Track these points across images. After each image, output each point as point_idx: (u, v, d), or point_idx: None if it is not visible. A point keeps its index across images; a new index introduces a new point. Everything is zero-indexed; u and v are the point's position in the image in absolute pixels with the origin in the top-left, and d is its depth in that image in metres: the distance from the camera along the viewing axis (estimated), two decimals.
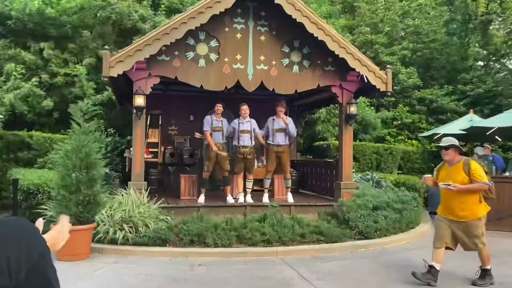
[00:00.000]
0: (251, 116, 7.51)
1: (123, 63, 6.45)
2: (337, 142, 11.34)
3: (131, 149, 7.56)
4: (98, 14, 9.84)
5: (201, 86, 6.97)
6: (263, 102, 10.25)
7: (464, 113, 12.62)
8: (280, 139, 7.34)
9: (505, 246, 6.03)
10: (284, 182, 7.66)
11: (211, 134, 7.20)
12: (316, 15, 7.10)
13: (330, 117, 12.78)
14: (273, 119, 7.51)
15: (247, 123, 7.29)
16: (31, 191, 6.15)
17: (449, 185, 3.83)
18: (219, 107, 7.13)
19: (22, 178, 6.35)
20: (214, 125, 7.14)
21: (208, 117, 7.21)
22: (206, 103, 9.78)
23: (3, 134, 8.37)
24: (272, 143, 7.40)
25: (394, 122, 13.71)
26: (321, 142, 12.04)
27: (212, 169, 7.35)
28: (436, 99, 13.91)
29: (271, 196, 8.26)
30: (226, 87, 7.15)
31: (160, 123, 9.40)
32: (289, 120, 7.42)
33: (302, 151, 12.77)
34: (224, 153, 7.21)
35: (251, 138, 7.28)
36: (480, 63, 14.97)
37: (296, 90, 7.48)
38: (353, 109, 7.50)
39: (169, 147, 9.13)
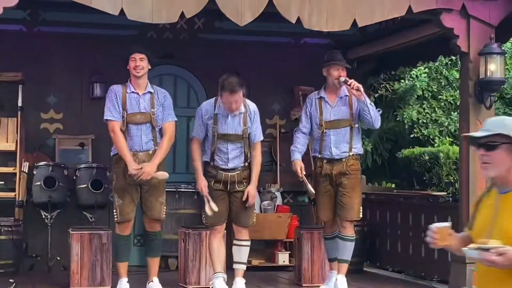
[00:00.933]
0: (248, 95, 7.53)
1: None
2: (455, 148, 11.41)
3: None
4: None
5: (122, 13, 7.07)
6: (271, 55, 10.42)
7: None
8: (340, 143, 7.45)
9: None
10: (337, 245, 7.68)
11: (123, 131, 7.24)
12: None
13: (439, 88, 12.86)
14: (321, 97, 7.57)
15: (235, 118, 7.33)
16: None
17: (488, 249, 3.53)
18: (136, 60, 7.24)
19: None
20: (131, 108, 7.31)
21: (115, 89, 7.38)
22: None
23: None
24: (320, 156, 7.51)
25: None
26: (417, 150, 12.13)
27: (135, 212, 7.49)
28: None
29: (296, 283, 8.36)
30: (183, 15, 7.23)
31: (20, 103, 9.39)
32: (358, 88, 7.39)
33: (371, 170, 12.82)
34: (161, 175, 7.27)
35: (243, 151, 7.40)
36: None
37: (355, 23, 7.58)
38: (493, 67, 7.58)
39: (42, 163, 9.21)
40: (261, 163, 7.55)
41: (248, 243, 7.49)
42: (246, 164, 7.33)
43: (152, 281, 7.43)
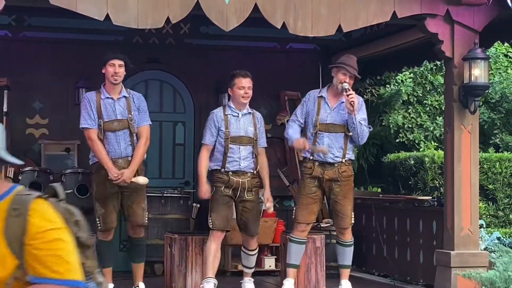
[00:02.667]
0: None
1: None
2: (440, 153, 11.48)
3: None
4: None
5: (107, 18, 7.08)
6: (257, 60, 10.42)
7: None
8: (333, 147, 7.36)
9: None
10: (336, 251, 7.75)
11: (101, 139, 7.25)
12: None
13: (424, 93, 12.90)
14: (322, 97, 7.53)
15: (245, 117, 7.48)
16: None
17: None
18: (116, 66, 7.26)
19: None
20: (107, 115, 7.29)
21: (88, 97, 7.44)
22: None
23: None
24: (312, 158, 7.41)
25: None
26: (403, 154, 12.18)
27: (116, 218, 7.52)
28: None
29: None
30: (168, 21, 7.25)
31: (5, 108, 9.44)
32: (359, 101, 7.42)
33: (357, 175, 12.82)
34: (142, 180, 7.34)
35: (253, 155, 7.44)
36: None
37: (340, 28, 7.62)
38: (477, 72, 7.63)
39: (28, 168, 9.22)
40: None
41: (256, 251, 7.68)
42: (254, 169, 7.40)
43: (137, 286, 7.45)
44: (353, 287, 8.53)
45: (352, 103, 7.16)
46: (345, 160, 7.36)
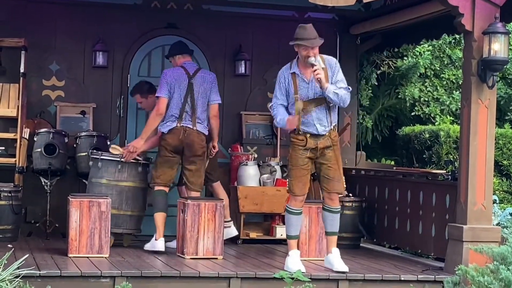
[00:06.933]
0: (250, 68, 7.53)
1: None
2: (456, 127, 11.43)
3: None
4: None
5: None
6: (274, 29, 10.47)
7: None
8: (322, 119, 7.26)
9: None
10: (325, 218, 7.67)
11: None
12: None
13: (442, 67, 12.83)
14: (293, 73, 7.32)
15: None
16: None
17: None
18: None
19: None
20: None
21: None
22: (137, 24, 9.90)
23: None
24: (302, 132, 7.27)
25: None
26: (418, 127, 12.14)
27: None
28: None
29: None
30: None
31: (22, 69, 9.39)
32: (332, 62, 7.34)
33: (371, 147, 12.83)
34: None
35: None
36: None
37: None
38: (497, 47, 7.57)
39: (43, 130, 9.24)
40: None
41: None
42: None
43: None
44: (363, 258, 8.56)
45: (317, 79, 7.02)
46: (333, 126, 7.32)
